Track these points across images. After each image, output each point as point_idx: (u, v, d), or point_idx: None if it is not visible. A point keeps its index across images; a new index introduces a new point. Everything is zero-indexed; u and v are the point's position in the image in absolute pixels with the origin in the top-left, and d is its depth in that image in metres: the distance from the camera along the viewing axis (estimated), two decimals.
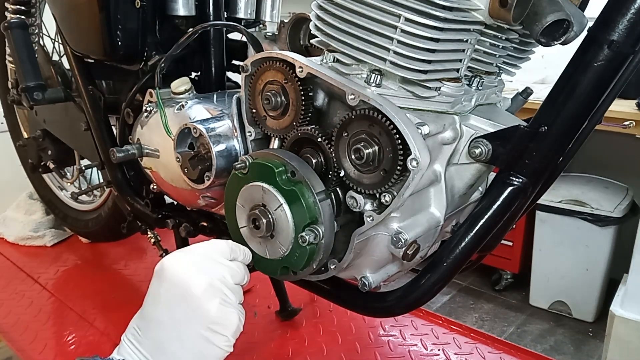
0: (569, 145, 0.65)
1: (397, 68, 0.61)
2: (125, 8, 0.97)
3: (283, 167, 0.68)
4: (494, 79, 0.76)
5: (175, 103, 0.91)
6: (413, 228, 0.67)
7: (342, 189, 0.71)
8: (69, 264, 1.59)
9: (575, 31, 0.60)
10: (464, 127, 0.69)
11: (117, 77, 1.17)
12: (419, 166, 0.60)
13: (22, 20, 1.19)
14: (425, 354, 1.18)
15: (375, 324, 1.28)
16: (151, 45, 1.02)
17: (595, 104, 0.61)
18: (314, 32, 0.68)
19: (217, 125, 0.83)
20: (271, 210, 0.69)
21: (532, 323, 2.67)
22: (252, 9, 1.09)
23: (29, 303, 1.37)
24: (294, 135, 0.72)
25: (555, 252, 2.62)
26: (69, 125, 1.27)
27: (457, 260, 0.67)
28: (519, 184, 0.64)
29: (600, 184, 2.69)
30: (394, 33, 0.59)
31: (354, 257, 0.71)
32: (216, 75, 1.07)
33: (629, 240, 2.10)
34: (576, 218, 2.51)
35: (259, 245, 0.73)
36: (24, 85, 1.15)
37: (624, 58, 0.57)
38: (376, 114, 0.62)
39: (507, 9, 0.58)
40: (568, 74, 0.60)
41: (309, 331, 1.26)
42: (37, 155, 1.49)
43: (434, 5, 0.58)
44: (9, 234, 1.73)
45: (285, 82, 0.71)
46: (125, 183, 1.14)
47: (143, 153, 0.97)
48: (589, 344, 2.51)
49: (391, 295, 0.75)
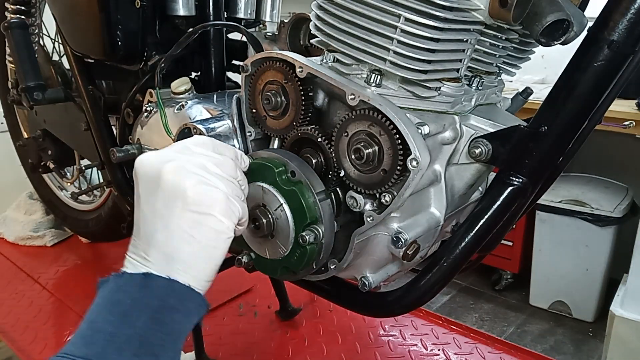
0: (569, 145, 0.65)
1: (397, 68, 0.61)
2: (125, 8, 0.97)
3: (283, 167, 0.68)
4: (494, 79, 0.76)
5: (175, 103, 0.92)
6: (413, 228, 0.67)
7: (342, 189, 0.71)
8: (69, 264, 1.59)
9: (575, 31, 0.60)
10: (464, 127, 0.69)
11: (117, 77, 1.17)
12: (419, 166, 0.60)
13: (22, 20, 1.19)
14: (425, 354, 1.18)
15: (375, 324, 1.28)
16: (151, 45, 1.02)
17: (595, 104, 0.61)
18: (314, 32, 0.68)
19: (217, 125, 0.83)
20: (271, 210, 0.69)
21: (532, 323, 2.67)
22: (252, 9, 1.10)
23: (29, 303, 1.37)
24: (294, 135, 0.72)
25: (555, 252, 2.62)
26: (69, 125, 1.27)
27: (457, 260, 0.67)
28: (518, 184, 0.64)
29: (600, 184, 2.69)
30: (394, 33, 0.59)
31: (354, 257, 0.71)
32: (216, 75, 1.07)
33: (629, 240, 2.10)
34: (576, 218, 2.51)
35: (259, 245, 0.73)
36: (24, 85, 1.15)
37: (624, 58, 0.57)
38: (376, 114, 0.62)
39: (507, 9, 0.58)
40: (568, 74, 0.60)
41: (309, 331, 1.26)
42: (37, 155, 1.49)
43: (434, 5, 0.58)
44: (9, 234, 1.73)
45: (286, 82, 0.71)
46: (126, 183, 1.14)
47: (143, 153, 0.97)
48: (589, 344, 2.51)
49: (391, 295, 0.75)
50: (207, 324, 1.25)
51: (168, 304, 0.52)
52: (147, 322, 0.50)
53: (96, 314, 0.51)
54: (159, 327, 0.51)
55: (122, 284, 0.53)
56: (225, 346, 1.20)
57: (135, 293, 0.52)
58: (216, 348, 1.17)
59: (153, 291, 0.52)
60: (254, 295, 1.41)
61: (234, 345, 1.21)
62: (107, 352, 0.48)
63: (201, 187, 0.55)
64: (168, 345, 0.52)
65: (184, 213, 0.54)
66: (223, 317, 1.32)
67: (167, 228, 0.54)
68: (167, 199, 0.54)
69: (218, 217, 0.55)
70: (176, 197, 0.54)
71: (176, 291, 0.53)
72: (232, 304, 1.37)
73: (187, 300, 0.54)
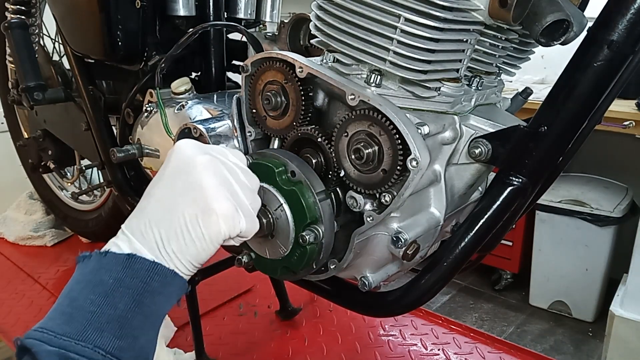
0: (569, 145, 0.65)
1: (397, 68, 0.61)
2: (125, 8, 0.97)
3: (283, 167, 0.68)
4: (494, 79, 0.76)
5: (175, 103, 0.92)
6: (413, 228, 0.67)
7: (342, 189, 0.71)
8: (69, 264, 1.59)
9: (575, 31, 0.60)
10: (464, 127, 0.69)
11: (118, 77, 1.17)
12: (419, 166, 0.60)
13: (22, 20, 1.19)
14: (425, 354, 1.18)
15: (375, 324, 1.28)
16: (151, 45, 1.03)
17: (595, 104, 0.61)
18: (314, 32, 0.68)
19: (217, 125, 0.83)
20: (271, 210, 0.69)
21: (531, 323, 2.67)
22: (252, 9, 1.10)
23: (29, 303, 1.37)
24: (294, 135, 0.72)
25: (555, 252, 2.62)
26: (69, 125, 1.28)
27: (457, 260, 0.67)
28: (518, 184, 0.64)
29: (600, 184, 2.69)
30: (393, 33, 0.59)
31: (354, 257, 0.71)
32: (216, 75, 1.07)
33: (629, 240, 2.10)
34: (576, 218, 2.51)
35: (259, 245, 0.73)
36: (24, 86, 1.15)
37: (624, 58, 0.57)
38: (376, 114, 0.62)
39: (507, 9, 0.58)
40: (568, 74, 0.60)
41: (309, 331, 1.26)
42: (38, 155, 1.49)
43: (434, 6, 0.58)
44: (9, 233, 1.73)
45: (286, 82, 0.71)
46: (126, 183, 1.15)
47: (143, 153, 0.97)
48: (589, 344, 2.51)
49: (391, 295, 0.75)
50: (207, 324, 1.25)
51: (151, 287, 0.52)
52: (129, 303, 0.50)
53: (77, 292, 0.51)
54: (141, 309, 0.51)
55: (105, 263, 0.52)
56: (225, 346, 1.20)
57: (119, 273, 0.51)
58: (216, 348, 1.17)
59: (137, 273, 0.52)
60: (254, 295, 1.41)
61: (234, 345, 1.21)
62: (87, 331, 0.48)
63: (220, 190, 0.56)
64: (148, 327, 0.52)
65: (192, 204, 0.55)
66: (223, 317, 1.32)
67: (172, 212, 0.55)
68: (187, 186, 0.55)
69: (219, 220, 0.55)
70: (194, 189, 0.55)
71: (160, 275, 0.53)
72: (232, 304, 1.38)
73: (169, 284, 0.54)
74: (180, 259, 0.55)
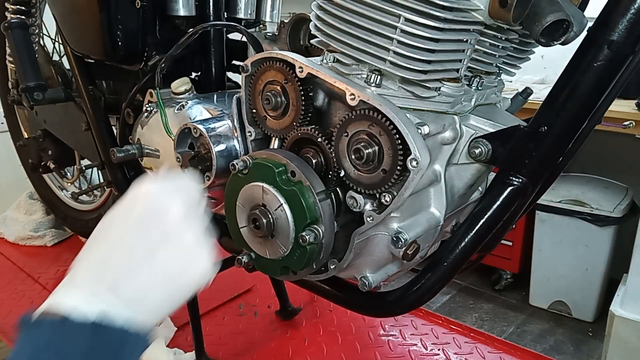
0: (569, 145, 0.65)
1: (397, 68, 0.61)
2: (125, 8, 0.97)
3: (283, 167, 0.68)
4: (494, 79, 0.76)
5: (175, 103, 0.92)
6: (413, 228, 0.67)
7: (342, 189, 0.71)
8: (69, 264, 1.54)
9: (575, 31, 0.60)
10: (464, 127, 0.69)
11: (118, 77, 1.17)
12: (419, 166, 0.60)
13: (22, 20, 1.19)
14: (425, 354, 1.18)
15: (375, 324, 1.28)
16: (151, 45, 1.02)
17: (595, 104, 0.61)
18: (314, 32, 0.68)
19: (217, 126, 0.83)
20: (271, 210, 0.69)
21: (531, 323, 2.67)
22: (252, 9, 1.10)
23: (29, 303, 1.37)
24: (294, 135, 0.72)
25: (555, 252, 2.62)
26: (69, 125, 1.27)
27: (457, 260, 0.67)
28: (518, 184, 0.64)
29: (600, 184, 2.69)
30: (393, 33, 0.59)
31: (354, 257, 0.71)
32: (216, 75, 1.07)
33: (629, 240, 2.10)
34: (576, 218, 2.51)
35: (259, 245, 0.73)
36: (24, 86, 1.15)
37: (624, 58, 0.57)
38: (376, 114, 0.62)
39: (507, 9, 0.58)
40: (568, 74, 0.60)
41: (309, 331, 1.26)
42: (38, 155, 1.49)
43: (434, 6, 0.58)
44: (9, 234, 1.73)
45: (286, 82, 0.71)
46: (126, 183, 1.14)
47: (143, 153, 0.97)
48: (589, 344, 2.51)
49: (391, 295, 0.75)
50: (207, 324, 1.25)
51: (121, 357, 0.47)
52: None
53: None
54: None
55: (66, 333, 0.45)
56: (225, 346, 1.20)
57: (85, 345, 0.45)
58: (216, 348, 1.17)
59: (106, 345, 0.46)
60: (254, 295, 1.41)
61: (234, 345, 1.21)
62: None
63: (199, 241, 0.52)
64: None
65: (175, 253, 0.51)
66: (223, 317, 1.32)
67: (151, 265, 0.50)
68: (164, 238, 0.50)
69: (208, 265, 0.52)
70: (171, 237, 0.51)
71: (131, 343, 0.48)
72: (232, 304, 1.37)
73: (140, 347, 0.49)
74: (158, 314, 0.51)
